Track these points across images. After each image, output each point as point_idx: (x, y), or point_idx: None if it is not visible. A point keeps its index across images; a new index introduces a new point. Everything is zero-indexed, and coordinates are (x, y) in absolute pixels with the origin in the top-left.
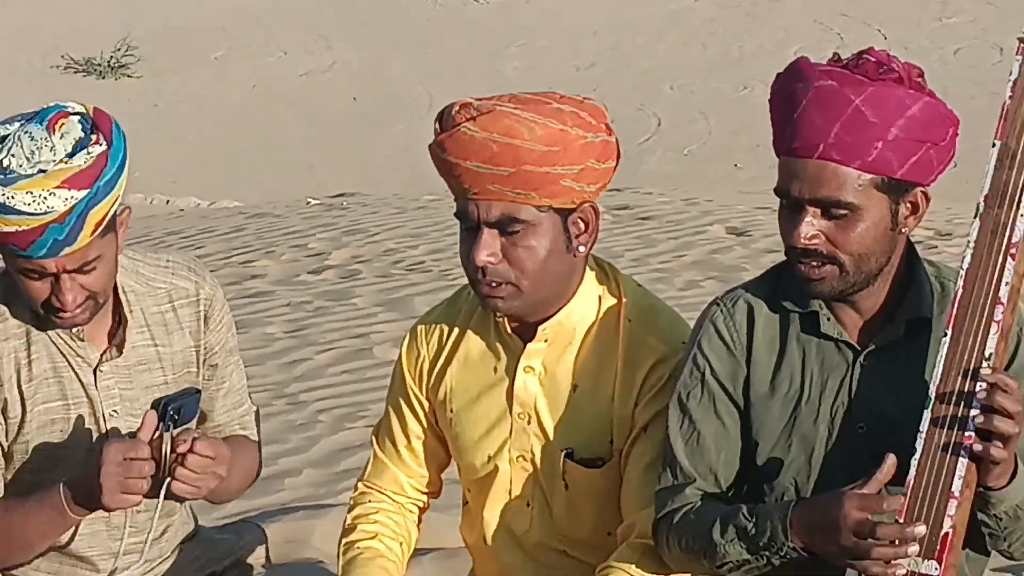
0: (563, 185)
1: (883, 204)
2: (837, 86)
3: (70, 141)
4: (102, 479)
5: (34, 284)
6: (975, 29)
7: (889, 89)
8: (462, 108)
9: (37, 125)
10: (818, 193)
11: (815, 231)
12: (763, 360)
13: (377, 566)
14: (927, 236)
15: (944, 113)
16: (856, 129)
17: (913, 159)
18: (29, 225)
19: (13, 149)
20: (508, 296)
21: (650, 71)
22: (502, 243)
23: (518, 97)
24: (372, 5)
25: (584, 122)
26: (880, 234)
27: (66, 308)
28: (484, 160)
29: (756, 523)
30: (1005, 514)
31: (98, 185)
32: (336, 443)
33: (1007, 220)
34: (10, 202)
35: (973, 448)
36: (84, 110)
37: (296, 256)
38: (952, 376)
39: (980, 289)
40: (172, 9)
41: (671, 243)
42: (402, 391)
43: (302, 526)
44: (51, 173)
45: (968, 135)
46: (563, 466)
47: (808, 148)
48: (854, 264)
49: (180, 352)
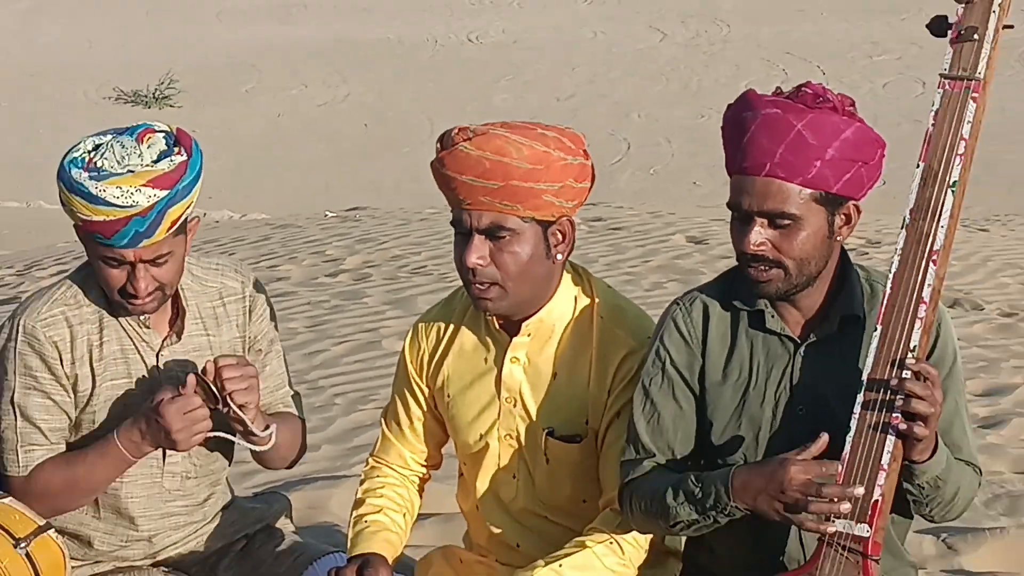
0: (545, 199)
1: (821, 215)
2: (781, 113)
3: (156, 151)
4: (175, 435)
5: (112, 272)
6: (900, 66)
7: (826, 116)
8: (460, 131)
9: (128, 136)
10: (765, 206)
11: (763, 239)
12: (716, 352)
13: (382, 538)
14: (859, 244)
15: (873, 137)
16: (798, 150)
17: (847, 176)
18: (115, 216)
19: (106, 154)
20: (496, 297)
21: (621, 102)
22: (490, 248)
23: (509, 124)
24: (381, 45)
25: (565, 146)
26: (819, 241)
27: (139, 295)
28: (478, 175)
29: (702, 487)
30: (928, 484)
31: (177, 188)
32: (350, 422)
33: (929, 230)
34: (102, 195)
35: (899, 427)
36: (168, 128)
37: (315, 262)
38: (882, 365)
39: (906, 290)
40: (209, 48)
41: (638, 250)
42: (405, 379)
43: (321, 494)
44: (138, 173)
45: (894, 157)
46: (545, 443)
47: (756, 167)
48: (796, 267)
49: (228, 342)
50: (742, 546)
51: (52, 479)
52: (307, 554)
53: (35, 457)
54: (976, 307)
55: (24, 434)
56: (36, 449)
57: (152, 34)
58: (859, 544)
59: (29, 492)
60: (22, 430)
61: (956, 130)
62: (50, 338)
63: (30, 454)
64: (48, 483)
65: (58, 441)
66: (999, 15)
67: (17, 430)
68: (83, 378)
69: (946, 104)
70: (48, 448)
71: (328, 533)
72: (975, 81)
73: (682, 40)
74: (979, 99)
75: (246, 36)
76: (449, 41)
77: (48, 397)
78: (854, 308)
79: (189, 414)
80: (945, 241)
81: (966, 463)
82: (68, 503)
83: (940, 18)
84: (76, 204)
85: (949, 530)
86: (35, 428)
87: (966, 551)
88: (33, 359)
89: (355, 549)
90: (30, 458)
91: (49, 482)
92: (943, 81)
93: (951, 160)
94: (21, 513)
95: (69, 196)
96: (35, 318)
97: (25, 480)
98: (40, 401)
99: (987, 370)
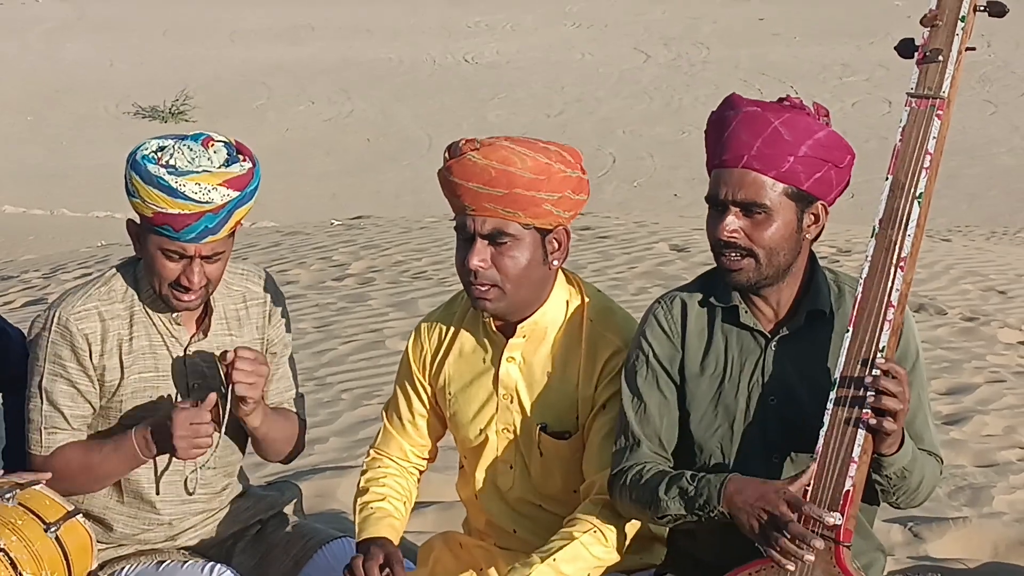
0: (544, 208)
1: (791, 210)
2: (760, 111)
3: (222, 156)
4: (176, 441)
5: (169, 265)
6: (869, 86)
7: (801, 117)
8: (468, 142)
9: (193, 141)
10: (739, 195)
11: (736, 227)
12: (694, 346)
13: (387, 524)
14: (831, 252)
15: (844, 144)
16: (773, 144)
17: (817, 175)
18: (191, 210)
19: (176, 154)
20: (494, 298)
21: (607, 118)
22: (491, 252)
23: (513, 138)
24: (383, 65)
25: (565, 160)
26: (788, 234)
27: (192, 288)
28: (483, 182)
29: (696, 487)
30: (895, 474)
31: (246, 191)
32: (356, 417)
33: (897, 239)
34: (181, 189)
35: (869, 422)
36: (227, 139)
37: (323, 267)
38: (852, 364)
39: (875, 295)
40: (222, 66)
41: (624, 257)
42: (408, 376)
43: (329, 484)
44: (215, 173)
45: (862, 171)
46: (539, 437)
47: (735, 159)
48: (766, 257)
49: (248, 343)
50: (723, 532)
51: (70, 463)
52: (316, 539)
53: (57, 440)
54: (940, 312)
55: (48, 417)
56: (58, 433)
57: (169, 53)
58: (832, 531)
59: (47, 471)
60: (47, 413)
61: (922, 145)
62: (81, 331)
63: (52, 436)
64: (66, 466)
65: (79, 427)
66: (962, 38)
67: (43, 412)
68: (111, 369)
69: (913, 121)
70: (69, 433)
71: (335, 519)
72: (940, 99)
73: (664, 61)
74: (943, 116)
75: (257, 55)
76: (447, 61)
77: (73, 386)
78: (820, 304)
79: (195, 426)
80: (912, 249)
81: (929, 453)
82: (81, 487)
83: (907, 41)
84: (153, 196)
85: (916, 519)
86: (58, 413)
87: (931, 539)
88: (64, 349)
89: (364, 533)
90: (52, 440)
91: (67, 465)
92: (910, 100)
93: (918, 173)
94: (51, 499)
95: (146, 189)
96: (69, 311)
97: (45, 460)
98: (65, 388)
99: (950, 371)
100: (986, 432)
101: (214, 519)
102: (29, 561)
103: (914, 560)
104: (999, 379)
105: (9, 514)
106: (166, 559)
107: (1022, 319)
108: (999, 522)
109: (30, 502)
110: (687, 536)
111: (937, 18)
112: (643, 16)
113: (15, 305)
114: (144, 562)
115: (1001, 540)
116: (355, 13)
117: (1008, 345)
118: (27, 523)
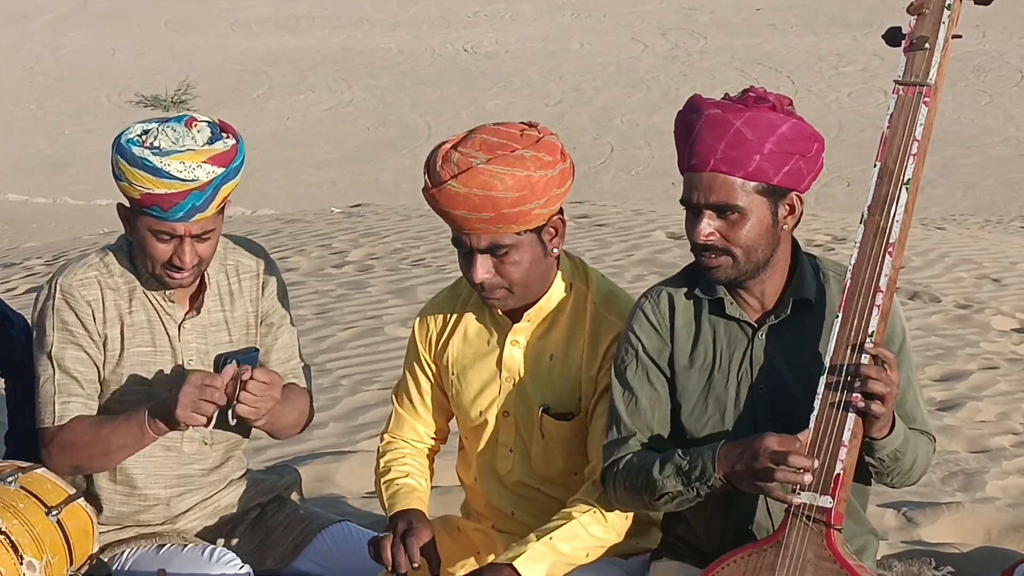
0: (535, 214)
1: (764, 206)
2: (721, 113)
3: (206, 135)
4: (180, 396)
5: (160, 246)
6: (864, 76)
7: (762, 113)
8: (444, 165)
9: (176, 123)
10: (711, 199)
11: (711, 229)
12: (683, 338)
13: (416, 498)
14: (826, 240)
15: (809, 132)
16: (737, 146)
17: (786, 168)
18: (177, 189)
19: (160, 135)
20: (503, 298)
21: (604, 108)
22: (493, 262)
23: (487, 143)
24: (383, 54)
25: (543, 162)
26: (764, 230)
27: (184, 267)
28: (469, 209)
29: (689, 460)
30: (888, 457)
31: (231, 167)
32: (355, 402)
33: (886, 225)
34: (166, 168)
35: (859, 406)
36: (210, 119)
37: (322, 254)
38: (842, 349)
39: (865, 280)
40: (223, 56)
41: (622, 245)
42: (416, 358)
43: (328, 468)
44: (199, 151)
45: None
46: (540, 419)
47: (702, 163)
48: (744, 255)
49: (241, 316)
50: (715, 517)
51: (81, 434)
52: (316, 522)
53: (71, 409)
54: (934, 299)
55: (62, 385)
56: (72, 401)
57: (171, 43)
58: (823, 515)
59: (59, 441)
60: (60, 382)
61: (910, 132)
62: (84, 296)
63: (67, 405)
64: (77, 436)
65: (92, 393)
66: (948, 26)
67: (56, 382)
68: (112, 339)
69: (900, 108)
70: (84, 397)
71: (335, 504)
72: (927, 87)
73: (662, 51)
74: (930, 103)
75: (258, 45)
76: (446, 51)
77: (83, 350)
78: (805, 292)
79: (205, 387)
80: (900, 235)
81: (921, 432)
82: (88, 460)
83: (894, 29)
84: (139, 177)
85: (909, 504)
86: (72, 379)
87: (925, 524)
88: (69, 315)
89: (395, 507)
90: (66, 409)
91: (78, 436)
92: (897, 87)
93: (905, 159)
94: (53, 482)
95: (132, 171)
96: (71, 278)
97: (58, 429)
98: (75, 354)
99: (943, 357)
100: (979, 418)
101: (213, 499)
102: (30, 544)
103: (907, 544)
104: (992, 366)
105: (11, 497)
106: (166, 543)
107: (1015, 307)
108: (992, 507)
109: (32, 486)
110: (682, 523)
111: (924, 6)
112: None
113: (18, 292)
114: (144, 546)
115: (994, 525)
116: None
117: (1001, 332)
118: (29, 507)
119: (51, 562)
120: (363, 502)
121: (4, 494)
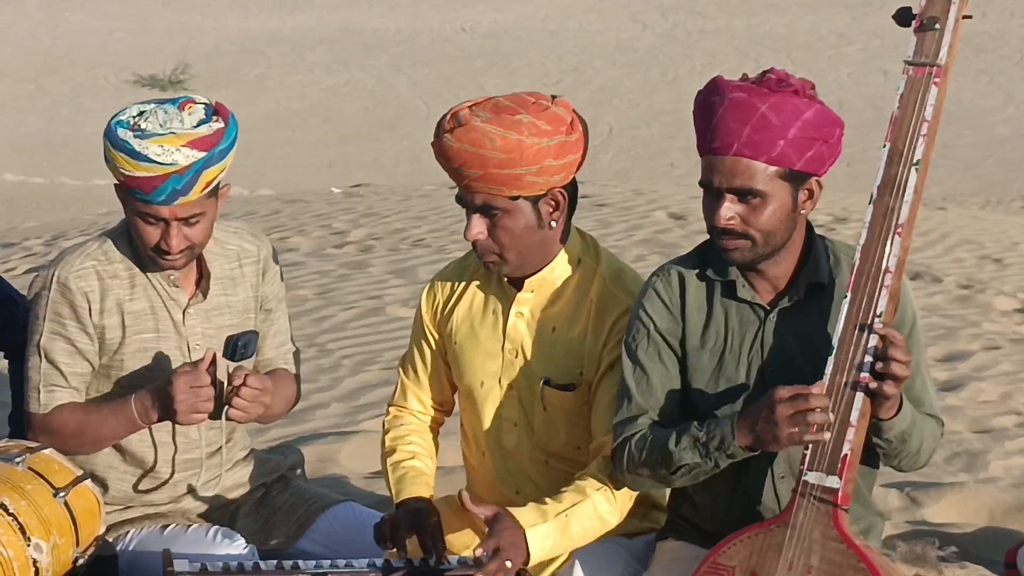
0: (527, 180)
1: (786, 191)
2: (746, 97)
3: (196, 118)
4: (176, 405)
5: (148, 228)
6: (864, 56)
7: (787, 98)
8: (451, 118)
9: (171, 105)
10: (734, 183)
11: (732, 214)
12: (695, 319)
13: (423, 482)
14: (828, 220)
15: (832, 118)
16: (762, 130)
17: (808, 153)
18: (155, 172)
19: (149, 118)
20: (496, 263)
21: (604, 88)
22: (487, 223)
23: (498, 105)
24: (381, 34)
25: (540, 130)
26: (784, 215)
27: (171, 251)
28: (460, 164)
29: (707, 431)
30: (895, 438)
31: (214, 151)
32: (356, 382)
33: (895, 205)
34: (145, 151)
35: (868, 386)
36: (208, 101)
37: (323, 234)
38: (851, 330)
39: (873, 260)
40: (221, 35)
41: (623, 225)
42: (422, 329)
43: (330, 448)
44: (180, 134)
45: (858, 140)
46: (542, 391)
47: (725, 147)
48: (763, 239)
49: (242, 301)
50: (722, 498)
51: (68, 423)
52: (319, 503)
53: (56, 399)
54: (936, 279)
55: (47, 375)
56: (57, 391)
57: (168, 22)
58: (830, 495)
59: (45, 430)
60: (45, 372)
61: (919, 112)
62: (81, 288)
63: (51, 395)
64: (64, 425)
65: (78, 386)
66: (959, 6)
67: (41, 371)
68: (111, 327)
69: (910, 88)
70: (68, 390)
71: (338, 484)
72: (937, 67)
73: (661, 31)
74: (940, 84)
75: (256, 25)
76: (444, 30)
77: (72, 344)
78: (819, 276)
79: (196, 389)
80: (909, 215)
81: (929, 415)
82: (76, 447)
83: (905, 9)
84: (120, 160)
85: (913, 485)
86: (57, 371)
87: (928, 504)
88: (63, 307)
89: (402, 494)
90: (51, 398)
91: (65, 424)
92: (907, 68)
93: (915, 140)
94: (60, 463)
95: (114, 153)
96: (68, 270)
97: (44, 417)
98: (64, 347)
99: (946, 338)
100: (982, 398)
101: (217, 479)
102: (37, 525)
103: (911, 525)
104: (995, 346)
105: (18, 478)
106: (171, 523)
107: (1017, 287)
108: (995, 487)
109: (39, 466)
110: (688, 503)
111: None
112: None
113: (17, 272)
114: (149, 526)
115: (997, 505)
116: None
117: (1004, 312)
118: (36, 487)
119: (58, 543)
120: (366, 482)
121: (12, 475)
